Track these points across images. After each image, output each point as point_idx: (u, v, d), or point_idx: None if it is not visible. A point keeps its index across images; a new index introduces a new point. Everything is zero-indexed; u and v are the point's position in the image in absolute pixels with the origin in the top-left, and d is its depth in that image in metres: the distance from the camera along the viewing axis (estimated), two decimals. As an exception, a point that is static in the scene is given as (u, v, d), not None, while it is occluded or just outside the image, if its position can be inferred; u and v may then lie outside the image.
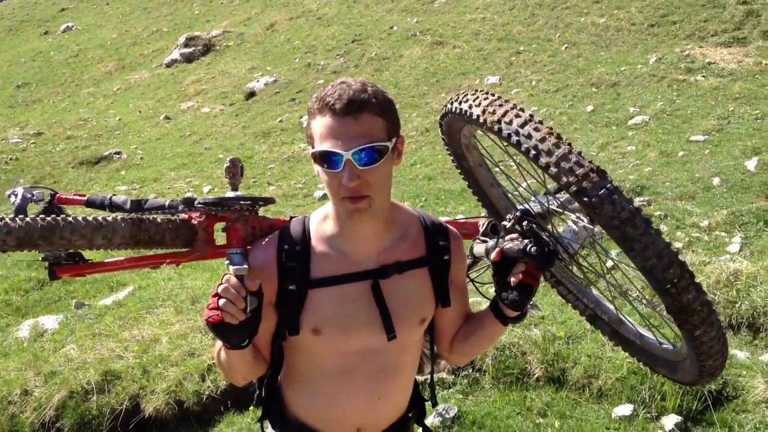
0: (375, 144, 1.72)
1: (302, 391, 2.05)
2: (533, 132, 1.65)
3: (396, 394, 2.06)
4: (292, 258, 1.90)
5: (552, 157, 1.60)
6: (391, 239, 1.94)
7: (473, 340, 2.06)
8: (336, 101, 1.70)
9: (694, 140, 10.17)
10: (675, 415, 4.38)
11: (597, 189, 1.56)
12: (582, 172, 1.57)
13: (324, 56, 19.57)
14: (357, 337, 1.93)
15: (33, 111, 22.50)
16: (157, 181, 14.11)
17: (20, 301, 8.03)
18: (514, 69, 15.67)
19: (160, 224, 1.97)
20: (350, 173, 1.71)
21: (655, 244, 1.54)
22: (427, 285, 1.97)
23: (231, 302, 1.71)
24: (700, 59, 13.25)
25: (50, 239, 1.80)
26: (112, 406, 5.29)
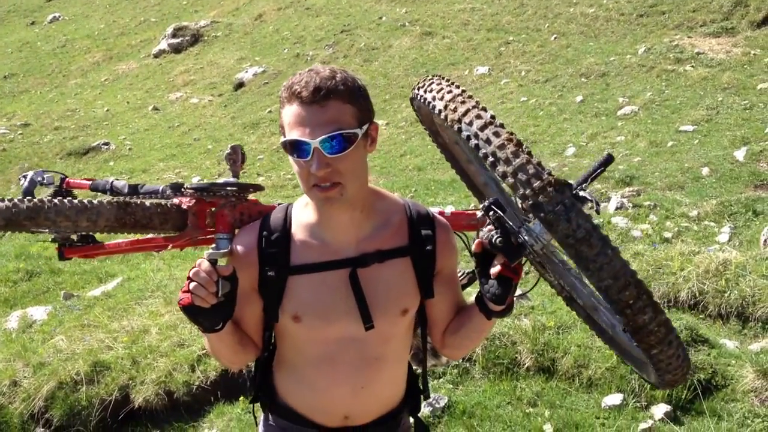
0: (343, 131, 1.70)
1: (290, 377, 2.05)
2: (492, 137, 1.58)
3: (382, 384, 2.03)
4: (271, 244, 1.90)
5: (509, 166, 1.54)
6: (371, 227, 1.92)
7: (462, 334, 2.01)
8: (303, 89, 1.69)
9: (683, 130, 10.19)
10: (664, 404, 4.40)
11: (553, 205, 1.50)
12: (539, 186, 1.51)
13: (313, 47, 19.50)
14: (336, 325, 1.91)
15: (20, 102, 22.35)
16: (145, 171, 14.06)
17: (8, 292, 7.98)
18: (503, 59, 15.66)
19: (147, 208, 2.01)
20: (318, 161, 1.70)
21: (611, 265, 1.49)
22: (410, 275, 1.94)
23: (201, 286, 1.71)
24: (689, 49, 13.27)
25: (36, 220, 1.85)
26: (102, 397, 5.28)
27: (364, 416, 2.05)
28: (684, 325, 4.91)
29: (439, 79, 1.82)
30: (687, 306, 5.39)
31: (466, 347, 2.10)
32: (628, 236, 6.32)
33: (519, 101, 13.25)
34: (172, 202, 2.09)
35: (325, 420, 2.04)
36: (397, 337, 2.00)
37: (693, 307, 5.39)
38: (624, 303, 1.50)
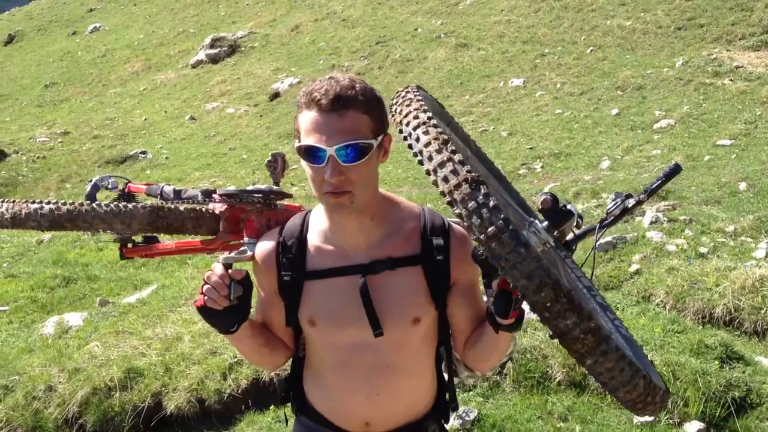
0: (359, 141, 1.73)
1: (314, 380, 2.09)
2: (422, 135, 1.58)
3: (400, 392, 2.01)
4: (288, 249, 1.96)
5: (431, 163, 1.53)
6: (382, 234, 1.93)
7: (479, 348, 1.98)
8: (322, 97, 1.72)
9: (720, 144, 10.07)
10: (698, 421, 4.34)
11: (466, 201, 1.46)
12: (454, 182, 1.48)
13: (348, 58, 19.61)
14: (348, 330, 1.94)
15: (60, 110, 22.75)
16: (181, 180, 14.21)
17: (45, 298, 8.12)
18: (538, 71, 15.61)
19: (180, 213, 2.15)
20: (333, 169, 1.72)
21: (525, 264, 1.41)
22: (421, 284, 1.93)
23: (214, 288, 1.80)
24: (728, 63, 13.12)
25: (75, 222, 2.05)
26: (135, 404, 5.33)
27: (385, 424, 2.05)
28: (719, 341, 4.84)
29: (406, 89, 1.84)
30: (722, 322, 5.32)
31: (486, 361, 2.03)
32: (663, 251, 6.25)
33: (554, 114, 13.19)
34: (206, 208, 2.20)
35: (348, 425, 2.06)
36: (410, 346, 1.98)
37: (728, 324, 5.31)
38: (541, 305, 1.43)
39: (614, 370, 1.50)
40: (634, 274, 5.99)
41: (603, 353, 1.48)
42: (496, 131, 13.10)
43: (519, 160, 11.23)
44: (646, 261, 6.13)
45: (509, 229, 1.42)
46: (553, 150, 11.30)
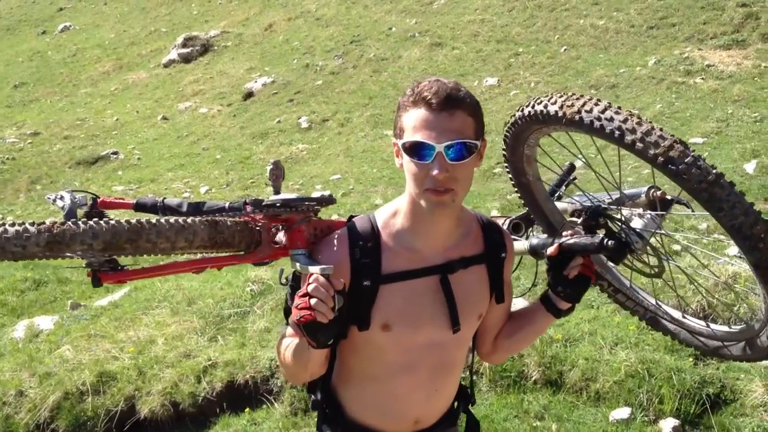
0: (467, 141, 1.78)
1: (360, 390, 2.10)
2: (614, 115, 1.73)
3: (450, 386, 2.15)
4: (365, 254, 1.95)
5: (637, 134, 1.68)
6: (458, 235, 2.00)
7: (520, 336, 2.15)
8: (433, 96, 1.76)
9: (692, 143, 10.15)
10: (673, 418, 4.36)
11: (683, 157, 1.65)
12: (667, 144, 1.66)
13: (322, 57, 19.56)
14: (423, 331, 1.98)
15: (30, 111, 22.48)
16: (154, 181, 14.09)
17: (15, 302, 8.00)
18: (512, 70, 15.67)
19: (230, 227, 1.94)
20: (440, 166, 1.76)
21: (741, 203, 1.64)
22: (485, 281, 2.04)
23: (322, 301, 1.74)
24: (699, 61, 13.25)
25: (136, 242, 1.74)
26: (108, 408, 5.27)
27: (432, 419, 2.15)
28: (693, 339, 4.87)
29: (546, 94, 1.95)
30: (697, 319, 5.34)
31: (516, 350, 2.34)
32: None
33: (528, 112, 13.23)
34: (245, 219, 2.03)
35: (396, 427, 2.12)
36: (468, 341, 2.13)
37: (703, 320, 5.34)
38: (757, 237, 1.64)
39: None
40: None
41: None
42: (470, 130, 13.12)
43: (494, 159, 11.25)
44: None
45: (723, 175, 1.66)
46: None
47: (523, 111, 1.98)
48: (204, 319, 6.06)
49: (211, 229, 1.88)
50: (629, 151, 1.72)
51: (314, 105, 16.75)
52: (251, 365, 5.30)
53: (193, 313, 6.16)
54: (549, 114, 1.85)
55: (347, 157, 13.23)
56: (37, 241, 1.63)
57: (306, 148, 14.71)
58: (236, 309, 6.15)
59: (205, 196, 12.57)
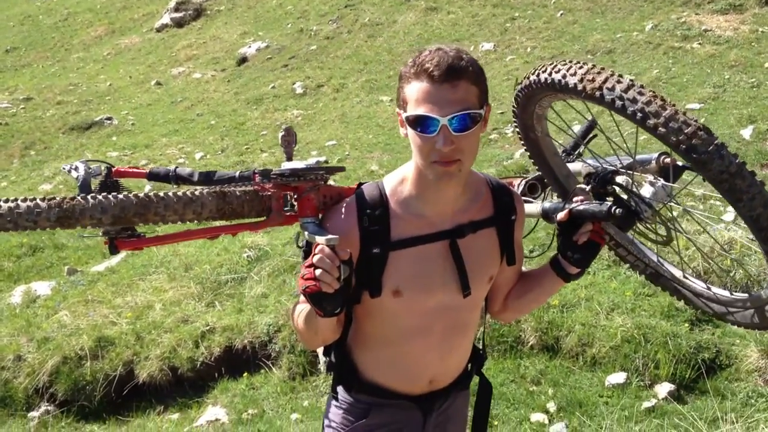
0: (471, 111, 1.77)
1: (375, 352, 2.12)
2: (638, 96, 1.70)
3: (464, 347, 2.17)
4: (374, 222, 1.96)
5: (660, 118, 1.66)
6: (466, 200, 2.00)
7: (530, 297, 2.17)
8: (435, 68, 1.75)
9: (689, 108, 10.12)
10: (668, 383, 4.40)
11: (706, 145, 1.63)
12: (691, 131, 1.64)
13: (316, 21, 19.37)
14: (434, 296, 2.00)
15: (22, 76, 22.27)
16: (148, 147, 14.01)
17: (12, 267, 8.00)
18: (509, 35, 15.55)
19: (239, 196, 1.98)
20: (445, 138, 1.76)
21: (762, 195, 1.63)
22: (495, 244, 2.05)
23: (327, 272, 1.75)
24: (697, 26, 13.15)
25: (145, 216, 1.80)
26: (106, 372, 5.30)
27: (446, 378, 2.17)
28: (689, 304, 4.90)
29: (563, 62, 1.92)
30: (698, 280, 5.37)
31: (527, 311, 2.35)
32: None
33: (524, 78, 13.16)
34: (255, 188, 2.06)
35: (412, 388, 2.14)
36: (480, 303, 2.15)
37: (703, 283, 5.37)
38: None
39: None
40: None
41: None
42: (466, 96, 13.05)
43: (490, 125, 11.20)
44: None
45: (745, 166, 1.64)
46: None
47: (539, 76, 1.96)
48: (201, 285, 6.07)
49: (219, 200, 1.92)
50: (650, 134, 1.70)
51: (309, 70, 16.62)
52: (249, 330, 5.33)
53: (190, 279, 6.17)
54: (567, 85, 1.84)
55: (342, 123, 13.15)
56: (47, 216, 1.70)
57: (301, 113, 14.61)
58: (233, 275, 6.16)
59: (200, 161, 12.52)
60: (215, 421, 4.76)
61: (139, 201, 1.79)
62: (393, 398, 2.14)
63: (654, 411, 4.19)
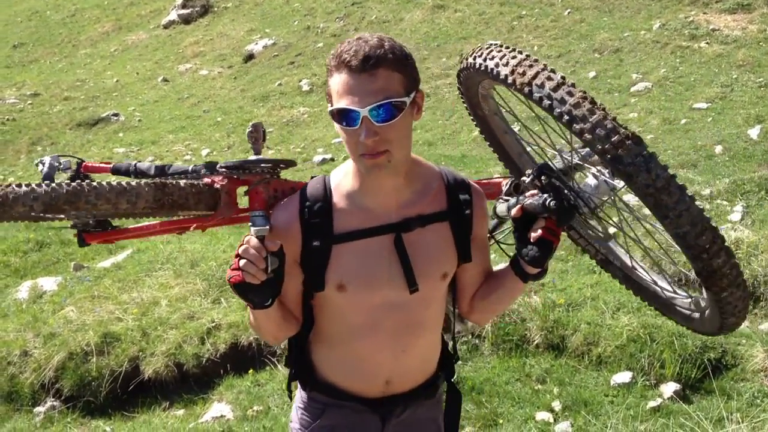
0: (392, 100, 1.71)
1: (331, 349, 2.08)
2: (566, 96, 1.61)
3: (421, 349, 2.07)
4: (315, 215, 1.92)
5: (587, 123, 1.58)
6: (412, 193, 1.94)
7: (493, 299, 2.07)
8: (352, 58, 1.69)
9: (697, 108, 10.10)
10: (674, 382, 4.39)
11: (633, 156, 1.54)
12: (617, 139, 1.55)
13: (323, 19, 19.36)
14: (380, 291, 1.94)
15: (30, 71, 22.32)
16: (155, 143, 14.03)
17: (19, 263, 8.02)
18: (515, 34, 15.53)
19: (183, 188, 1.98)
20: (367, 130, 1.71)
21: (690, 212, 1.54)
22: (449, 240, 1.98)
23: (251, 263, 1.73)
24: (704, 26, 13.11)
25: (76, 204, 1.81)
26: (112, 368, 5.31)
27: (404, 382, 2.09)
28: (695, 304, 4.89)
29: (497, 45, 1.84)
30: (699, 285, 5.36)
31: (494, 312, 2.19)
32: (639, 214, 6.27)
33: (531, 76, 13.13)
34: (204, 182, 2.08)
35: (367, 389, 2.07)
36: (435, 301, 2.04)
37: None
38: (701, 248, 1.56)
39: (740, 299, 1.68)
40: None
41: (738, 285, 1.65)
42: (473, 94, 13.04)
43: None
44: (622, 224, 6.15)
45: (674, 180, 1.55)
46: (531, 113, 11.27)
47: (475, 60, 1.88)
48: (207, 282, 6.08)
49: (158, 191, 1.92)
50: (577, 138, 1.62)
51: (315, 68, 16.61)
52: (255, 327, 5.33)
53: (196, 275, 6.18)
54: (498, 75, 1.76)
55: (349, 121, 13.16)
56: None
57: (307, 111, 14.61)
58: (239, 271, 6.15)
59: (207, 158, 12.52)
60: (220, 417, 4.76)
61: (70, 190, 1.80)
62: (348, 399, 2.09)
63: (659, 410, 4.19)
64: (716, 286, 1.63)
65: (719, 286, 1.63)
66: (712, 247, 1.56)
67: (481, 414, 4.31)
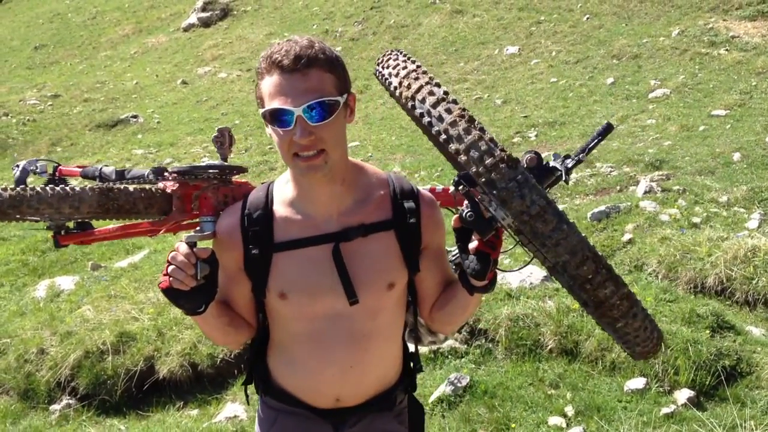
0: (326, 99, 1.69)
1: (281, 358, 2.04)
2: (444, 114, 1.53)
3: (372, 363, 2.00)
4: (254, 223, 1.90)
5: (462, 143, 1.49)
6: (353, 201, 1.90)
7: (448, 310, 1.99)
8: (283, 58, 1.67)
9: (715, 115, 10.05)
10: (688, 389, 4.37)
11: (506, 181, 1.45)
12: (491, 162, 1.46)
13: (342, 23, 19.43)
14: (322, 301, 1.90)
15: (50, 73, 22.53)
16: (173, 145, 14.12)
17: (37, 262, 8.10)
18: (534, 39, 15.51)
19: (131, 193, 2.02)
20: (302, 130, 1.68)
21: (568, 240, 1.45)
22: (395, 249, 1.92)
23: (180, 269, 1.72)
24: (724, 33, 13.05)
25: (19, 209, 1.87)
26: (127, 367, 5.35)
27: (356, 397, 2.03)
28: (710, 311, 4.87)
29: (397, 54, 1.78)
30: (714, 292, 5.34)
31: (453, 323, 2.07)
32: (656, 220, 6.26)
33: (549, 82, 13.13)
34: (157, 187, 2.10)
35: (317, 401, 2.03)
36: (385, 312, 1.97)
37: (720, 294, 5.34)
38: (583, 278, 1.47)
39: (640, 329, 1.59)
40: (627, 243, 6.01)
41: (634, 315, 1.56)
42: (490, 99, 13.04)
43: (513, 129, 11.18)
44: (639, 230, 6.14)
45: (552, 206, 1.45)
46: (548, 119, 11.26)
47: (379, 65, 1.82)
48: (222, 283, 6.11)
49: (102, 196, 1.97)
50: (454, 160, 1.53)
51: (333, 71, 16.66)
52: (269, 328, 5.35)
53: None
54: (390, 85, 1.71)
55: (366, 124, 13.18)
56: None
57: (325, 114, 14.66)
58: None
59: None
60: (234, 417, 4.78)
61: (12, 195, 1.86)
62: (300, 407, 2.04)
63: (673, 417, 4.17)
64: (606, 317, 1.55)
65: (610, 317, 1.55)
66: (595, 277, 1.48)
67: (493, 418, 4.31)
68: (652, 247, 5.76)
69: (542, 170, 1.79)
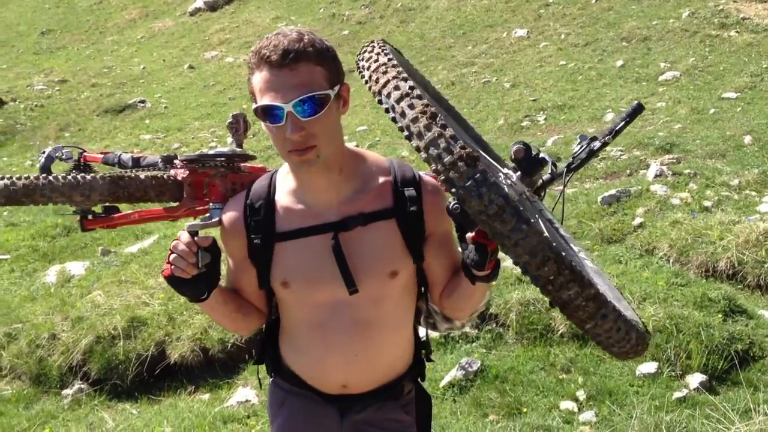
0: (315, 93, 1.68)
1: (290, 343, 2.07)
2: (407, 109, 1.51)
3: (378, 351, 2.00)
4: (256, 212, 1.91)
5: (422, 140, 1.47)
6: (352, 190, 1.89)
7: (455, 298, 1.97)
8: (271, 53, 1.66)
9: (725, 97, 9.98)
10: (700, 373, 4.36)
11: (463, 180, 1.42)
12: (449, 160, 1.43)
13: (349, 6, 19.35)
14: (324, 289, 1.91)
15: (57, 58, 22.52)
16: (181, 130, 14.12)
17: (47, 247, 8.12)
18: (542, 22, 15.41)
19: (142, 181, 2.07)
20: (293, 126, 1.68)
21: (527, 241, 1.41)
22: (397, 237, 1.90)
23: (181, 257, 1.77)
24: (734, 14, 12.94)
25: (32, 197, 1.97)
26: (138, 352, 5.37)
27: (363, 384, 2.04)
28: (722, 295, 4.85)
29: (373, 46, 1.75)
30: (725, 276, 5.33)
31: (462, 309, 2.03)
32: (667, 204, 6.24)
33: (558, 65, 13.05)
34: (168, 174, 2.12)
35: (324, 386, 2.05)
36: (389, 300, 1.97)
37: (731, 277, 5.32)
38: (545, 279, 1.44)
39: (611, 330, 1.54)
40: (638, 227, 5.99)
41: (603, 317, 1.51)
42: (499, 82, 12.98)
43: (522, 112, 11.14)
44: (650, 214, 6.11)
45: (510, 206, 1.40)
46: (557, 102, 11.20)
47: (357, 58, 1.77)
48: (232, 267, 6.12)
49: (112, 184, 2.04)
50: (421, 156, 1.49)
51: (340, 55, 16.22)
52: (279, 313, 5.37)
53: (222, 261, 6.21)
54: (363, 77, 1.67)
55: (373, 109, 13.14)
56: None
57: (332, 98, 14.63)
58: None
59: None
60: (245, 402, 4.80)
61: (26, 184, 1.96)
62: (310, 391, 2.07)
63: (685, 401, 4.16)
64: (574, 317, 1.52)
65: (578, 318, 1.51)
66: (557, 278, 1.44)
67: (505, 402, 4.31)
68: (663, 231, 5.74)
69: (531, 162, 1.74)
